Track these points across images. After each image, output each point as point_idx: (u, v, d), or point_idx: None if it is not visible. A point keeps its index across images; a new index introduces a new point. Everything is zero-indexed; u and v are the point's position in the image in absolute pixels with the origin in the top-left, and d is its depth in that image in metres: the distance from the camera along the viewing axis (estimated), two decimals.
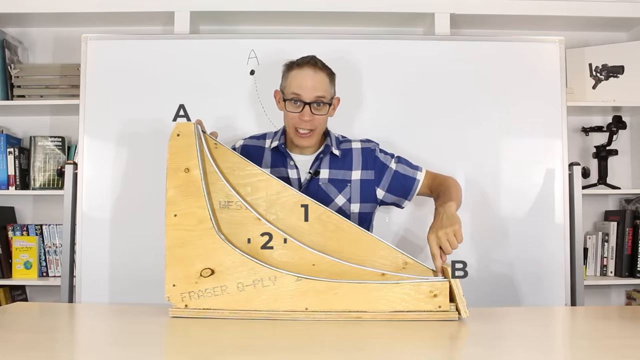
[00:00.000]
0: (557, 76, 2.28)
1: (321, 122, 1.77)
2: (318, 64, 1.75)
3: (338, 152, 1.84)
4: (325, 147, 1.83)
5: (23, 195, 2.71)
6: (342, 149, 1.86)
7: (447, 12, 2.56)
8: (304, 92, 1.72)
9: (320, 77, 1.74)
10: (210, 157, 1.52)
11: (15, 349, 1.10)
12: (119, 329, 1.40)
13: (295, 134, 1.77)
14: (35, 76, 2.62)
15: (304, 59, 1.77)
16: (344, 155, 1.85)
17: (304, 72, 1.74)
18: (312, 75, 1.73)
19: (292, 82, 1.75)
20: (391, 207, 1.96)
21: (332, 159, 1.84)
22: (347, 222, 1.54)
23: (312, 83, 1.72)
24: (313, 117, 1.74)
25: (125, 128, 2.22)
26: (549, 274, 2.22)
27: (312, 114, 1.73)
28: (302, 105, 1.72)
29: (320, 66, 1.75)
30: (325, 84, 1.75)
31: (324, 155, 1.83)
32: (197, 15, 2.58)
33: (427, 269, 1.49)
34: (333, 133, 1.89)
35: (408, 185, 1.86)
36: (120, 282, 2.16)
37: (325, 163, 1.83)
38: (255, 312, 1.40)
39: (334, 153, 1.83)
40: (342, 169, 1.83)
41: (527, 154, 2.27)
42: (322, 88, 1.74)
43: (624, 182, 2.81)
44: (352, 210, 1.82)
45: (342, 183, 1.82)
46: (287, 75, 1.78)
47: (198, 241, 1.43)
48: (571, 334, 1.46)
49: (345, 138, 1.92)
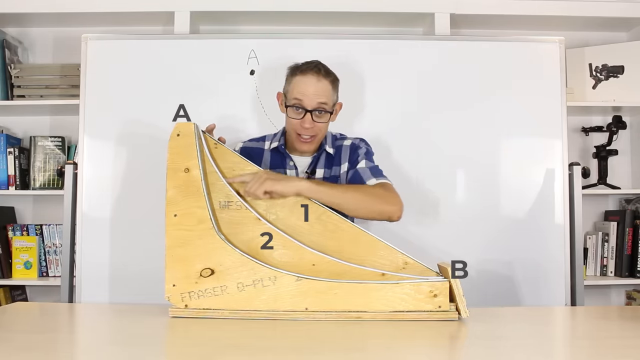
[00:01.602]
0: (557, 76, 2.28)
1: (322, 128, 1.77)
2: (322, 71, 1.73)
3: (332, 151, 1.84)
4: (320, 147, 1.84)
5: (23, 195, 2.71)
6: (335, 147, 1.86)
7: (447, 12, 2.56)
8: (306, 99, 1.71)
9: (323, 85, 1.72)
10: (210, 157, 1.52)
11: (15, 349, 1.10)
12: (119, 329, 1.40)
13: (296, 139, 1.77)
14: (35, 76, 2.62)
15: (308, 64, 1.75)
16: (336, 152, 1.85)
17: (307, 79, 1.72)
18: (314, 82, 1.71)
19: (294, 88, 1.73)
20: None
21: (326, 158, 1.84)
22: (347, 222, 1.54)
23: (314, 90, 1.71)
24: (314, 125, 1.73)
25: (125, 128, 2.22)
26: (549, 274, 2.22)
27: (313, 121, 1.72)
28: (304, 112, 1.72)
29: (324, 73, 1.73)
30: (327, 92, 1.73)
31: (319, 155, 1.84)
32: (197, 15, 2.58)
33: (427, 269, 1.49)
34: (330, 131, 1.89)
35: (356, 182, 1.77)
36: (120, 282, 2.16)
37: (320, 162, 1.84)
38: (255, 312, 1.40)
39: (328, 152, 1.84)
40: (334, 166, 1.84)
41: (527, 154, 2.27)
42: (325, 95, 1.72)
43: (624, 182, 2.81)
44: None
45: (334, 179, 1.82)
46: (291, 80, 1.76)
47: (198, 241, 1.43)
48: (571, 334, 1.46)
49: (342, 136, 1.92)
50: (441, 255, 1.64)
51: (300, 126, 1.73)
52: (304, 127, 1.73)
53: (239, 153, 1.86)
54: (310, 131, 1.74)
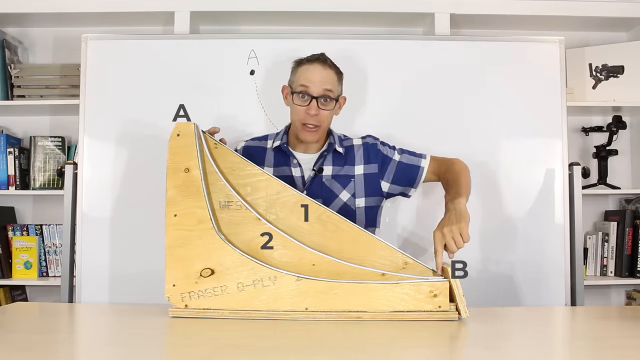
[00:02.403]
0: (557, 76, 2.28)
1: (327, 117, 1.80)
2: (327, 61, 1.80)
3: (342, 150, 1.86)
4: (329, 145, 1.85)
5: (23, 195, 2.71)
6: (345, 147, 1.88)
7: (447, 12, 2.56)
8: (312, 85, 1.76)
9: (328, 73, 1.78)
10: (210, 157, 1.52)
11: (15, 349, 1.10)
12: (119, 329, 1.40)
13: (302, 129, 1.79)
14: (35, 76, 2.62)
15: (313, 55, 1.81)
16: (346, 152, 1.87)
17: (313, 67, 1.78)
18: (320, 70, 1.77)
19: (301, 75, 1.79)
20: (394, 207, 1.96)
21: (335, 157, 1.86)
22: (347, 222, 1.54)
23: (320, 77, 1.76)
24: (319, 112, 1.76)
25: (125, 128, 2.22)
26: (549, 274, 2.22)
27: (318, 108, 1.76)
28: (310, 99, 1.75)
29: (329, 63, 1.80)
30: (333, 80, 1.79)
31: (327, 153, 1.85)
32: (197, 15, 2.58)
33: (427, 269, 1.49)
34: (335, 132, 1.91)
35: (413, 174, 1.88)
36: (120, 282, 2.16)
37: (328, 160, 1.85)
38: (255, 312, 1.40)
39: (337, 151, 1.85)
40: (345, 165, 1.85)
41: (527, 154, 2.27)
42: (330, 83, 1.78)
43: (624, 182, 2.81)
44: (358, 205, 1.83)
45: (346, 179, 1.83)
46: (297, 70, 1.82)
47: (198, 241, 1.43)
48: (571, 334, 1.46)
49: (346, 137, 1.94)
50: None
51: (305, 114, 1.77)
52: (310, 113, 1.76)
53: (240, 152, 1.87)
54: (315, 119, 1.77)
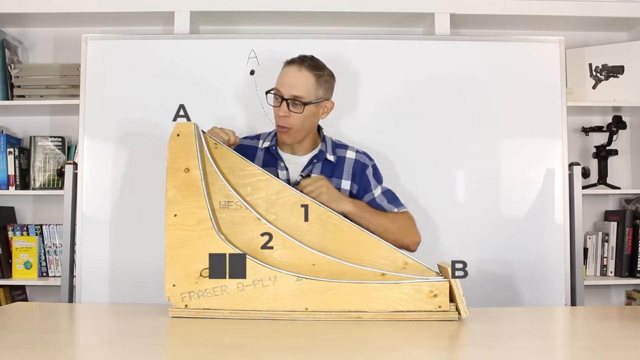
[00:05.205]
0: (557, 76, 2.28)
1: (299, 120, 1.75)
2: (305, 64, 1.75)
3: (333, 158, 1.83)
4: (320, 153, 1.83)
5: (23, 195, 2.71)
6: (337, 155, 1.85)
7: (447, 12, 2.56)
8: (283, 88, 1.74)
9: (302, 76, 1.73)
10: (210, 157, 1.52)
11: (15, 349, 1.10)
12: (119, 329, 1.40)
13: (278, 129, 1.80)
14: (35, 76, 2.62)
15: (298, 57, 1.78)
16: (337, 162, 1.84)
17: (289, 69, 1.76)
18: (294, 73, 1.74)
19: (278, 78, 1.78)
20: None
21: (325, 165, 1.83)
22: (347, 222, 1.54)
23: (291, 81, 1.74)
24: (289, 114, 1.73)
25: (125, 128, 2.22)
26: (549, 273, 2.22)
27: (288, 110, 1.73)
28: (281, 100, 1.74)
29: (308, 66, 1.75)
30: (307, 84, 1.74)
31: (317, 160, 1.83)
32: (197, 15, 2.58)
33: (427, 269, 1.49)
34: (329, 137, 1.88)
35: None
36: (120, 282, 2.16)
37: (317, 169, 1.82)
38: (255, 312, 1.40)
39: (328, 159, 1.83)
40: (334, 177, 1.82)
41: (527, 154, 2.27)
42: (302, 87, 1.73)
43: (624, 182, 2.81)
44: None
45: None
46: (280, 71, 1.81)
47: (198, 241, 1.43)
48: (571, 334, 1.46)
49: (341, 143, 1.90)
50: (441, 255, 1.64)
51: (277, 115, 1.77)
52: (279, 115, 1.75)
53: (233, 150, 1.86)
54: (284, 121, 1.75)
